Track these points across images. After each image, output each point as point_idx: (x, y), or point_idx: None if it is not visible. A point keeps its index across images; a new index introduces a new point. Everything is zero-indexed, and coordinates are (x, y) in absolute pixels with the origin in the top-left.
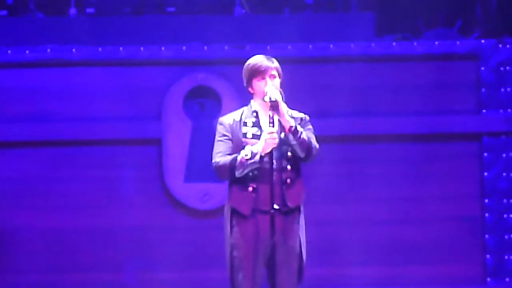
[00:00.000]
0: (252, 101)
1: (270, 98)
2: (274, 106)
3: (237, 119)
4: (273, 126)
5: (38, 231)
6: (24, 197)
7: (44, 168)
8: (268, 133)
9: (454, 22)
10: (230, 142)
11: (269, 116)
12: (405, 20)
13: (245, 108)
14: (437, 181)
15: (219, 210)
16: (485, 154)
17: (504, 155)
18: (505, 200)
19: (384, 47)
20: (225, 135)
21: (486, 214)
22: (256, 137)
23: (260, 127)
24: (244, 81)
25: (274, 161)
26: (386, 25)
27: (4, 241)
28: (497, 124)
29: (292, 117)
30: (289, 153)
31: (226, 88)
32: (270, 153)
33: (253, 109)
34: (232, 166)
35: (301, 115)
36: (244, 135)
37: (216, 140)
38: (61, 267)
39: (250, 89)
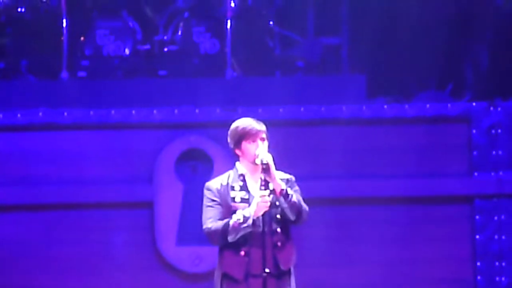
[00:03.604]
0: (237, 163)
1: (261, 161)
2: (265, 169)
3: (224, 183)
4: (265, 190)
5: None
6: (15, 261)
7: (36, 232)
8: (260, 197)
9: (446, 85)
10: (219, 207)
11: (261, 179)
12: (397, 82)
13: (231, 172)
14: (430, 244)
15: (211, 273)
16: (477, 217)
17: (496, 217)
18: (497, 263)
19: (376, 109)
20: (214, 200)
21: (479, 277)
22: (245, 200)
23: (248, 191)
24: (231, 143)
25: (265, 224)
26: (378, 87)
27: None
28: (488, 186)
29: (280, 179)
30: (278, 216)
31: (218, 151)
32: (260, 216)
33: (239, 172)
34: (224, 231)
35: (287, 176)
36: (233, 199)
37: (204, 206)
38: None
39: (237, 151)
